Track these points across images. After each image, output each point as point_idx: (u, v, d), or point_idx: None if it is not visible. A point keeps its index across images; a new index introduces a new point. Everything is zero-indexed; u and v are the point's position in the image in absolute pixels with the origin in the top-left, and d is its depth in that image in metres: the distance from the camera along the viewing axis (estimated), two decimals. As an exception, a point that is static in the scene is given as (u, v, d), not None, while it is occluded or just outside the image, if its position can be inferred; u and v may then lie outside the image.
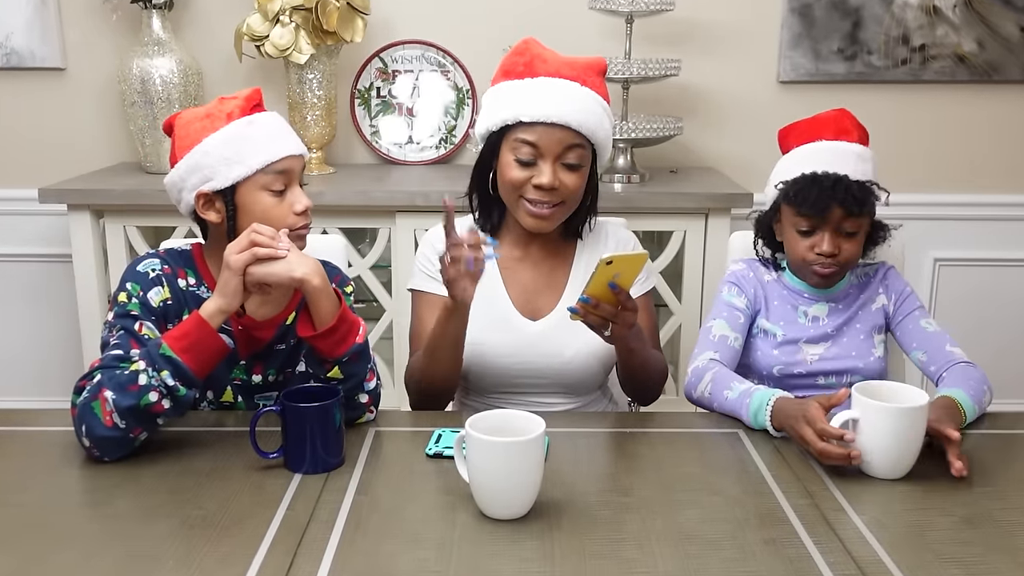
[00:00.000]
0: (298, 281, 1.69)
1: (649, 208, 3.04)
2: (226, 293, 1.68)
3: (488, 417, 1.53)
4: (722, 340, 2.06)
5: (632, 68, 3.09)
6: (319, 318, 1.73)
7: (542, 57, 1.96)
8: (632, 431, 1.85)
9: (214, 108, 1.83)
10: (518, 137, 1.95)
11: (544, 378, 2.06)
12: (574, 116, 1.92)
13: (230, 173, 1.78)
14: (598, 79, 1.98)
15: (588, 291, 1.74)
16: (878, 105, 3.50)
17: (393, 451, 1.75)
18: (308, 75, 3.25)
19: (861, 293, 2.14)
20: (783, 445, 1.77)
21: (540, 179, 1.94)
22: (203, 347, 1.66)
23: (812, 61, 3.47)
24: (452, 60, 3.47)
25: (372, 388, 1.82)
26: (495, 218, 2.10)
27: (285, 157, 1.81)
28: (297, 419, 1.62)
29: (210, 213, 1.82)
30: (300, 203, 1.83)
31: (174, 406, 1.65)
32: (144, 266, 1.85)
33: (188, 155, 1.80)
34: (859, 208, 2.00)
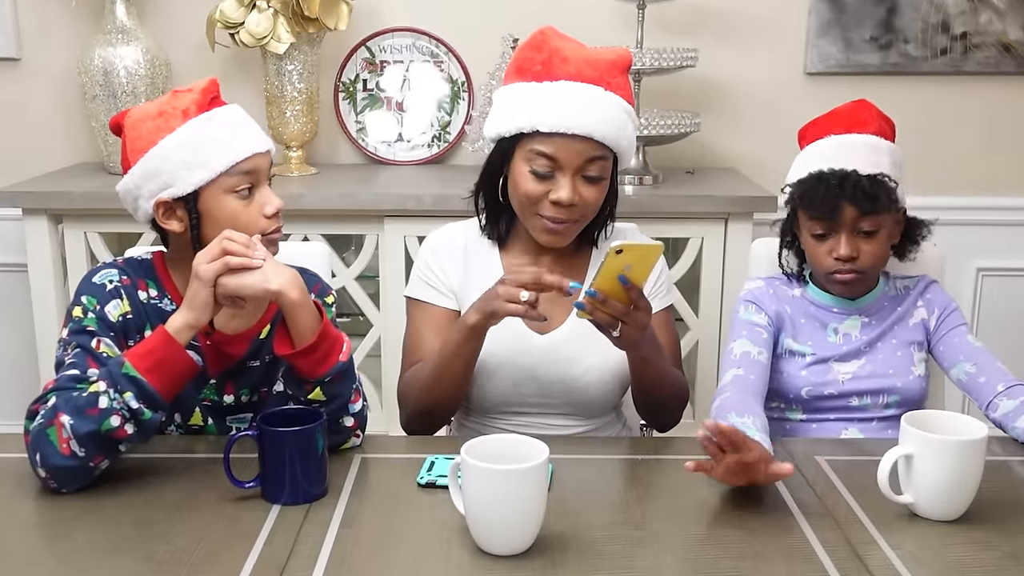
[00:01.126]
0: (274, 294, 1.70)
1: (663, 212, 3.05)
2: (195, 306, 1.68)
3: (486, 442, 1.54)
4: (745, 356, 2.07)
5: (645, 59, 3.10)
6: (298, 334, 1.73)
7: (561, 54, 1.94)
8: (644, 458, 1.85)
9: (167, 105, 1.82)
10: (535, 148, 1.94)
11: (552, 397, 2.07)
12: (598, 126, 1.92)
13: (191, 178, 1.78)
14: (622, 78, 1.97)
15: (596, 284, 1.73)
16: (915, 99, 3.52)
17: (381, 480, 1.75)
18: (287, 66, 3.26)
19: (897, 307, 2.15)
20: (811, 473, 1.77)
21: (559, 194, 1.94)
22: (170, 366, 1.66)
23: (842, 51, 3.48)
24: (446, 50, 3.48)
25: (358, 410, 1.83)
26: (503, 226, 2.11)
27: (251, 156, 1.81)
28: (275, 445, 1.63)
29: (171, 222, 1.82)
30: (271, 204, 1.83)
31: (138, 431, 1.66)
32: (100, 277, 1.85)
33: (143, 160, 1.79)
34: (871, 204, 2.01)
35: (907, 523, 1.61)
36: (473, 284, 2.07)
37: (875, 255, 2.06)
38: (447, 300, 2.09)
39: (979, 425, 1.61)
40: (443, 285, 2.09)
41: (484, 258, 2.11)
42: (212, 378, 1.89)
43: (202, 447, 1.85)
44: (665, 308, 2.13)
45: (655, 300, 2.10)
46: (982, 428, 1.60)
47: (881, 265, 2.10)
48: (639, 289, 1.77)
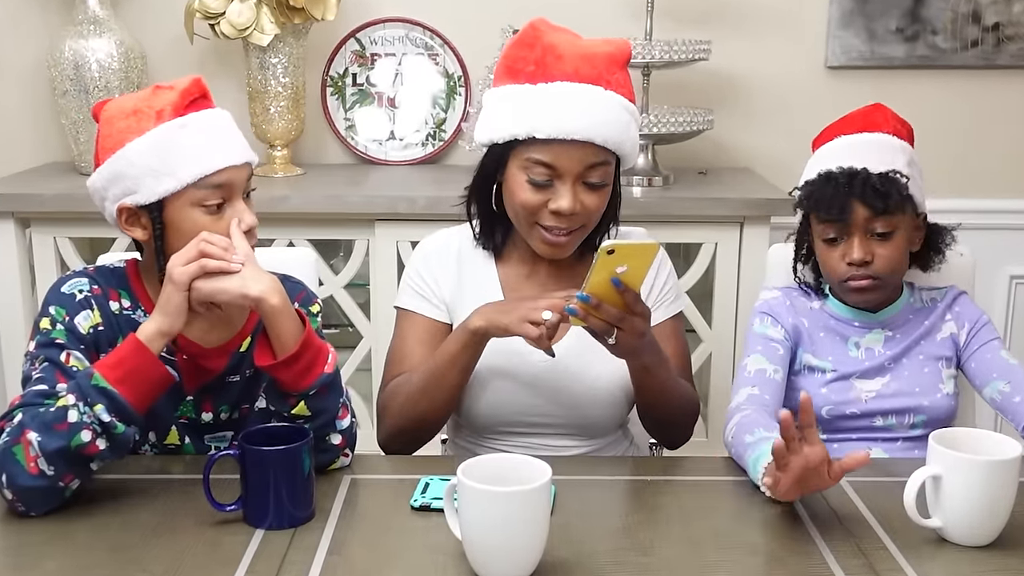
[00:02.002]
0: (253, 300, 1.71)
1: (673, 216, 3.05)
2: (168, 311, 1.69)
3: (484, 463, 1.54)
4: (759, 374, 2.07)
5: (654, 51, 3.11)
6: (279, 344, 1.74)
7: (555, 51, 1.93)
8: (653, 479, 1.86)
9: (144, 103, 1.82)
10: (531, 156, 1.94)
11: (553, 415, 2.07)
12: (599, 130, 1.91)
13: (156, 187, 1.78)
14: (622, 73, 1.97)
15: (588, 287, 1.73)
16: (943, 94, 3.52)
17: (372, 503, 1.76)
18: (271, 59, 3.27)
19: (924, 320, 2.15)
20: (834, 495, 1.77)
21: (559, 204, 1.94)
22: (142, 376, 1.66)
23: (866, 43, 3.49)
24: (442, 41, 3.49)
25: (346, 427, 1.83)
26: (499, 236, 2.11)
27: (223, 169, 1.80)
28: (258, 465, 1.63)
29: (135, 230, 1.83)
30: (243, 221, 1.82)
31: (111, 446, 1.66)
32: (70, 287, 1.85)
33: (110, 160, 1.80)
34: (883, 202, 2.02)
35: (935, 549, 1.61)
36: (467, 295, 2.07)
37: (891, 259, 2.06)
38: (437, 311, 2.09)
39: (1012, 444, 1.61)
40: (434, 295, 2.10)
41: (479, 268, 2.12)
42: (189, 394, 1.89)
43: (180, 467, 1.85)
44: (673, 316, 2.13)
45: (662, 307, 2.10)
46: (1016, 447, 1.61)
47: (899, 272, 2.10)
48: (635, 292, 1.77)
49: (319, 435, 1.79)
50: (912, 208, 2.07)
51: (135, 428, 1.68)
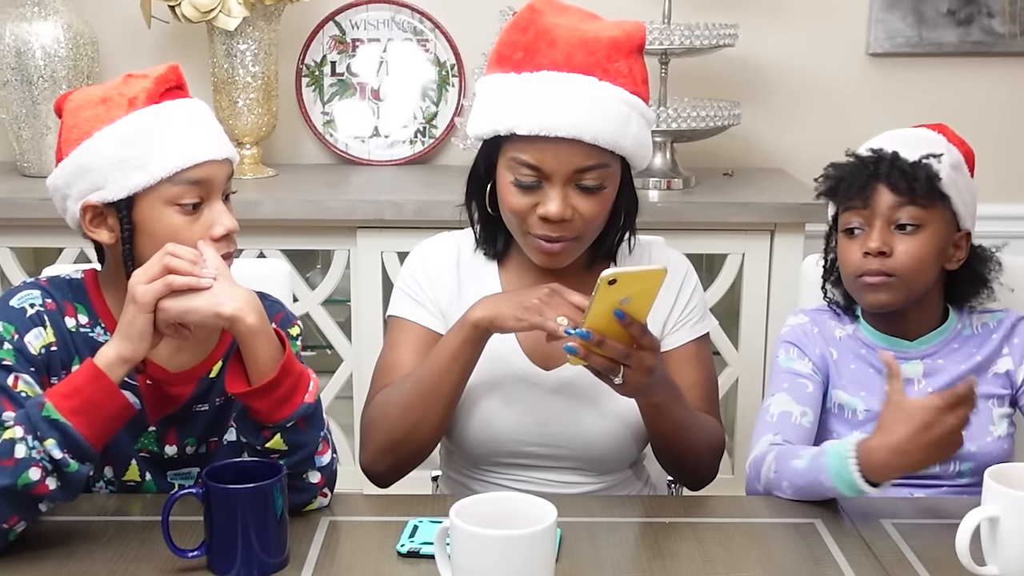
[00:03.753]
0: (228, 319, 1.71)
1: (695, 223, 3.06)
2: (131, 335, 1.69)
3: (480, 502, 1.55)
4: (783, 418, 2.07)
5: (673, 36, 3.12)
6: (255, 368, 1.74)
7: (549, 36, 1.94)
8: (672, 521, 1.86)
9: (114, 90, 1.83)
10: (516, 155, 1.95)
11: (557, 446, 2.08)
12: (588, 127, 1.91)
13: (126, 181, 1.78)
14: (627, 61, 1.96)
15: (589, 323, 1.74)
16: (1000, 84, 3.54)
17: (354, 548, 1.76)
18: (239, 45, 3.29)
19: (974, 350, 2.14)
20: (877, 540, 1.78)
21: (546, 209, 1.94)
22: (100, 407, 1.66)
23: (913, 27, 3.50)
24: (432, 25, 3.50)
25: (326, 464, 1.84)
26: (500, 242, 2.12)
27: (202, 163, 1.81)
28: (225, 505, 1.63)
29: (100, 231, 1.83)
30: (221, 224, 1.83)
31: (62, 486, 1.66)
32: (20, 300, 1.85)
33: (74, 153, 1.81)
34: (908, 186, 2.03)
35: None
36: (466, 304, 2.07)
37: (914, 257, 2.05)
38: (433, 320, 2.10)
39: None
40: (430, 302, 2.11)
41: (480, 275, 2.13)
42: (151, 424, 1.90)
43: (137, 508, 1.85)
44: (697, 338, 2.14)
45: (684, 328, 2.11)
46: None
47: (922, 276, 2.07)
48: (641, 324, 1.77)
49: (296, 472, 1.79)
50: (949, 211, 2.07)
51: (90, 465, 1.68)
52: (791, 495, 1.90)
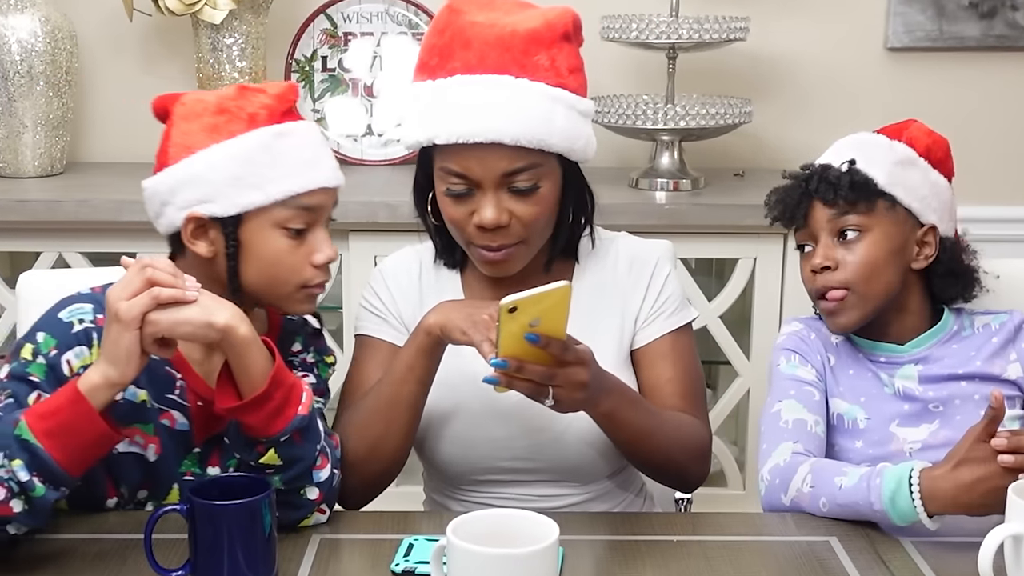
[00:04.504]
0: (220, 330, 1.70)
1: (704, 226, 3.06)
2: (117, 357, 1.66)
3: (478, 519, 1.55)
4: (799, 425, 2.06)
5: (681, 30, 3.13)
6: (247, 380, 1.74)
7: (464, 36, 1.94)
8: (681, 539, 1.86)
9: (232, 102, 1.85)
10: (443, 164, 1.97)
11: (533, 459, 2.08)
12: (508, 128, 1.91)
13: (239, 198, 1.81)
14: (549, 52, 1.94)
15: (502, 350, 1.72)
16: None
17: (346, 567, 1.76)
18: (226, 39, 3.29)
19: (973, 352, 2.13)
20: (896, 559, 1.78)
21: (480, 216, 1.95)
22: (76, 432, 1.65)
23: (934, 20, 3.50)
24: (428, 19, 3.51)
25: (324, 479, 1.84)
26: (457, 252, 2.13)
27: (316, 190, 1.85)
28: (210, 522, 1.63)
29: (200, 243, 1.84)
30: (322, 252, 1.87)
31: (27, 511, 1.65)
32: (70, 313, 1.85)
33: (185, 161, 1.83)
34: (834, 193, 2.05)
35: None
36: None
37: (862, 263, 2.05)
38: (398, 336, 2.11)
39: None
40: (393, 317, 2.13)
41: (443, 286, 2.14)
42: (197, 445, 1.90)
43: (119, 526, 1.85)
44: (673, 331, 2.13)
45: (657, 321, 2.11)
46: None
47: (878, 284, 2.06)
48: (561, 342, 1.74)
49: (292, 488, 1.80)
50: (899, 209, 2.07)
51: (62, 490, 1.67)
52: (826, 512, 1.89)
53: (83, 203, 3.07)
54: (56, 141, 3.34)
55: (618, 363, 2.08)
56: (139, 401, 1.85)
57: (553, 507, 2.05)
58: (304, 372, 2.01)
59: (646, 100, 3.30)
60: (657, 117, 3.15)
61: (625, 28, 3.15)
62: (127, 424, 1.82)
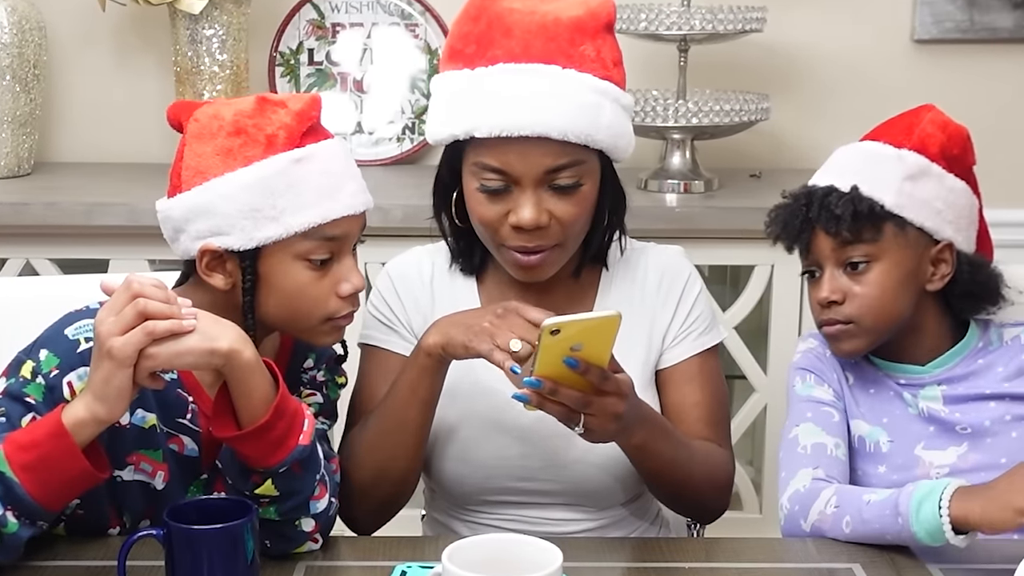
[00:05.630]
0: (223, 356, 1.68)
1: (718, 230, 3.07)
2: (107, 395, 1.64)
3: (476, 545, 1.55)
4: (819, 450, 2.05)
5: (693, 20, 3.13)
6: (248, 408, 1.72)
7: (503, 23, 1.94)
8: (692, 567, 1.86)
9: (249, 121, 1.82)
10: (478, 159, 1.96)
11: (547, 481, 2.08)
12: (555, 122, 1.91)
13: (256, 232, 1.80)
14: (594, 43, 1.96)
15: (538, 370, 1.72)
16: (1063, 75, 3.55)
17: (333, 597, 1.76)
18: (205, 31, 3.29)
19: (1001, 368, 2.12)
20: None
21: (518, 216, 1.94)
22: (55, 468, 1.64)
23: (964, 10, 3.50)
24: (422, 8, 3.51)
25: (321, 510, 1.83)
26: (476, 255, 2.13)
27: (340, 219, 1.83)
28: (188, 548, 1.63)
29: (215, 276, 1.84)
30: (349, 283, 1.86)
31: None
32: (76, 330, 1.81)
33: (199, 189, 1.81)
34: (835, 226, 2.03)
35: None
36: None
37: (871, 297, 2.04)
38: (406, 345, 2.10)
39: None
40: (403, 326, 2.12)
41: (457, 293, 2.14)
42: (203, 472, 1.90)
43: (91, 552, 1.85)
44: (701, 352, 2.13)
45: (686, 341, 2.12)
46: None
47: (885, 316, 2.06)
48: (600, 370, 1.74)
49: (287, 519, 1.80)
50: (911, 230, 2.05)
51: (39, 527, 1.67)
52: (849, 533, 1.88)
53: (52, 206, 3.07)
54: (23, 140, 3.34)
55: (643, 383, 2.07)
56: (147, 426, 1.84)
57: (564, 532, 2.06)
58: (312, 390, 2.01)
59: (656, 96, 3.30)
60: (668, 114, 3.15)
61: (634, 18, 3.15)
62: (131, 451, 1.83)
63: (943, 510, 1.75)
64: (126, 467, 1.82)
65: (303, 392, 1.99)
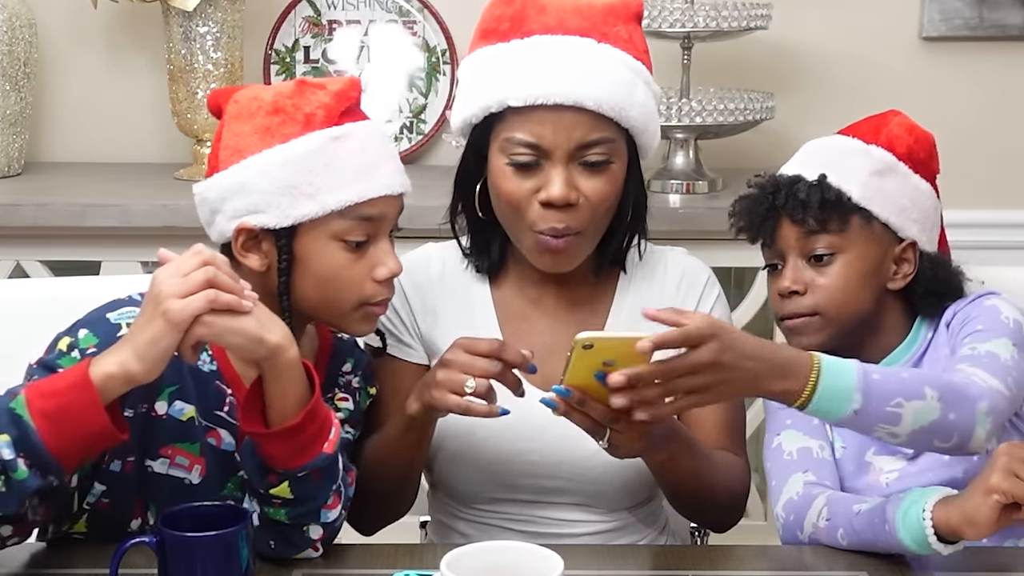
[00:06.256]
0: (270, 349, 1.68)
1: (722, 232, 3.03)
2: (148, 356, 1.62)
3: (475, 553, 1.55)
4: (805, 454, 2.05)
5: (697, 17, 3.13)
6: (281, 408, 1.72)
7: (538, 3, 1.99)
8: (697, 574, 1.86)
9: (287, 101, 1.85)
10: (509, 134, 1.97)
11: (557, 478, 2.09)
12: (589, 91, 1.93)
13: (292, 209, 1.82)
14: (626, 27, 2.00)
15: (567, 380, 1.73)
16: (1075, 74, 3.55)
17: (329, 605, 1.76)
18: (199, 28, 3.29)
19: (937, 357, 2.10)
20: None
21: (548, 191, 1.96)
22: (75, 421, 1.61)
23: (973, 6, 3.50)
24: (420, 5, 3.52)
25: (331, 520, 1.83)
26: (495, 251, 2.13)
27: (378, 199, 1.85)
28: (182, 556, 1.63)
29: (251, 257, 1.85)
30: (385, 266, 1.87)
31: (5, 492, 1.62)
32: (119, 315, 1.84)
33: (236, 167, 1.83)
34: (802, 213, 2.03)
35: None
36: (450, 327, 2.09)
37: (833, 289, 2.04)
38: (412, 352, 2.12)
39: None
40: (407, 332, 2.13)
41: (469, 294, 2.14)
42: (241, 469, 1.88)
43: (82, 560, 1.85)
44: None
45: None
46: None
47: (848, 308, 2.06)
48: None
49: (296, 524, 1.80)
50: (876, 225, 2.06)
51: (50, 479, 1.65)
52: (845, 546, 1.89)
53: (43, 207, 3.07)
54: (13, 139, 3.34)
55: None
56: (185, 419, 1.85)
57: (569, 533, 2.07)
58: (346, 395, 2.01)
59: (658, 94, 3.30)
60: (670, 113, 3.15)
61: (636, 15, 3.15)
62: (167, 444, 1.84)
63: (927, 513, 1.76)
64: (158, 459, 1.83)
65: (337, 395, 2.00)
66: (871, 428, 1.78)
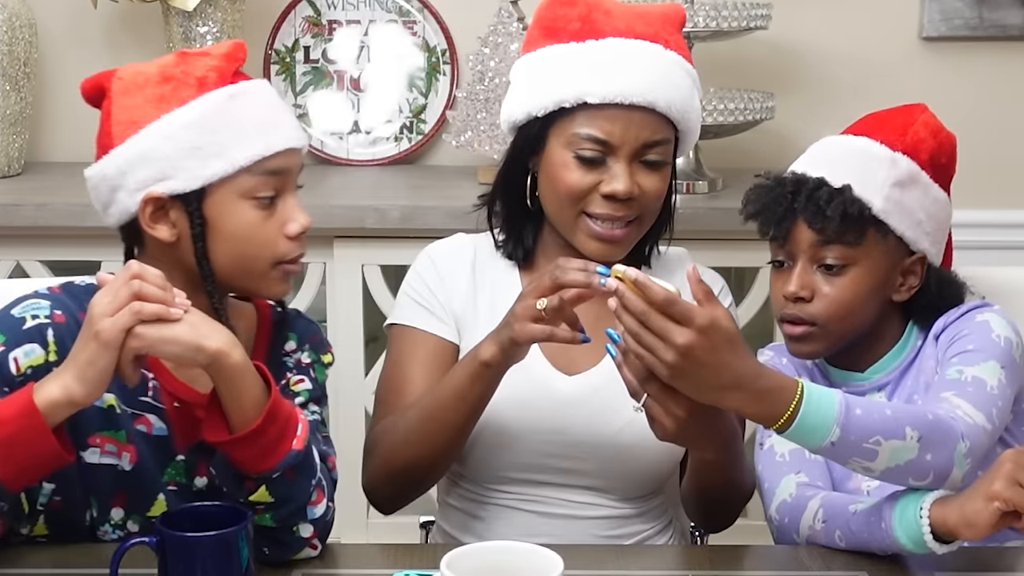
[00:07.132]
0: (210, 356, 1.68)
1: (722, 232, 3.07)
2: (88, 377, 1.64)
3: (474, 553, 1.56)
4: (797, 455, 2.04)
5: (697, 17, 3.13)
6: (239, 412, 1.72)
7: (601, 7, 2.06)
8: (698, 574, 1.86)
9: (175, 69, 1.85)
10: (580, 130, 2.03)
11: (579, 459, 2.10)
12: (662, 93, 2.02)
13: (202, 170, 1.81)
14: (679, 36, 2.09)
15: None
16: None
17: (329, 605, 1.76)
18: (199, 28, 3.29)
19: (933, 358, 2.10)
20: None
21: (613, 185, 2.02)
22: (22, 448, 1.63)
23: (973, 6, 3.50)
24: (420, 5, 3.51)
25: (319, 515, 1.83)
26: (528, 240, 2.17)
27: (284, 151, 1.85)
28: (182, 556, 1.63)
29: (160, 227, 1.84)
30: (296, 221, 1.87)
31: None
32: (23, 309, 1.84)
33: (135, 137, 1.82)
34: (821, 223, 2.01)
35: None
36: (483, 312, 2.12)
37: (839, 302, 2.04)
38: (445, 328, 2.13)
39: None
40: (441, 308, 2.14)
41: (499, 280, 2.17)
42: (180, 453, 1.90)
43: (81, 559, 1.85)
44: None
45: None
46: None
47: (849, 322, 2.06)
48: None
49: (284, 526, 1.80)
50: (891, 239, 2.05)
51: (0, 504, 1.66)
52: (844, 546, 1.89)
53: (43, 207, 3.07)
54: (13, 139, 3.34)
55: None
56: (106, 406, 1.84)
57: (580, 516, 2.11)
58: (300, 376, 2.00)
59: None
60: (671, 113, 3.15)
61: (636, 15, 3.15)
62: (94, 432, 1.83)
63: (923, 511, 1.77)
64: (88, 448, 1.82)
65: (290, 380, 1.98)
66: (846, 460, 1.78)
